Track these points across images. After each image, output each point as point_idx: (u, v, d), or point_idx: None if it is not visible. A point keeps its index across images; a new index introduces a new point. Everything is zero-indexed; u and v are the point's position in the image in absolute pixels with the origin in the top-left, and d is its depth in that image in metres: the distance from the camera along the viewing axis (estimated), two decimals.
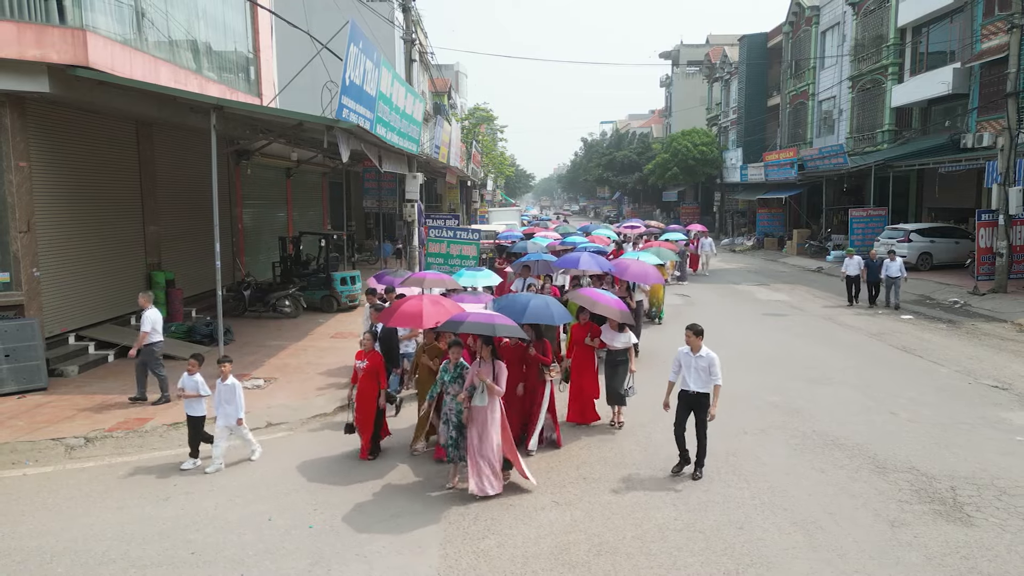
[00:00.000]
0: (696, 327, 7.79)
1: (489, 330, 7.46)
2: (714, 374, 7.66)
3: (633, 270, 12.93)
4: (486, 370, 7.47)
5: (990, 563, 5.94)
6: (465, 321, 7.63)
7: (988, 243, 20.18)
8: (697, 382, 7.70)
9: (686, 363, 7.76)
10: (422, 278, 11.54)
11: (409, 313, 8.54)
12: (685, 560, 6.10)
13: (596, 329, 9.56)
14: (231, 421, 8.14)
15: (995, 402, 10.50)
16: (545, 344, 8.76)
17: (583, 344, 9.59)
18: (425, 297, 9.13)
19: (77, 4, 10.96)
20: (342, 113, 11.77)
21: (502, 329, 7.49)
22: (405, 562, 6.17)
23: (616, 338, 9.36)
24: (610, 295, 9.85)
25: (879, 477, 7.73)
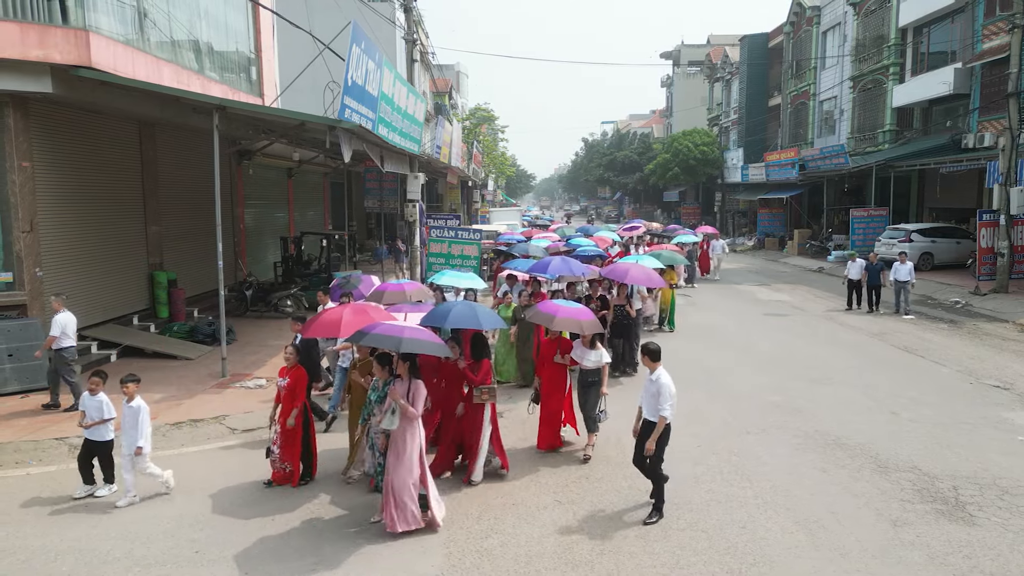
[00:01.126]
0: (650, 347, 6.99)
1: (394, 344, 6.45)
2: (660, 403, 6.70)
3: (634, 274, 11.91)
4: (400, 389, 6.68)
5: (992, 562, 5.95)
6: (370, 333, 6.63)
7: (989, 243, 20.19)
8: (648, 409, 6.90)
9: (644, 387, 7.01)
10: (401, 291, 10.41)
11: (327, 322, 7.71)
12: (688, 559, 6.12)
13: (566, 345, 8.63)
14: (131, 449, 7.25)
15: (996, 402, 10.51)
16: (483, 363, 7.84)
17: (553, 362, 8.64)
18: (349, 305, 8.30)
19: (80, 4, 10.98)
20: (344, 113, 11.79)
21: (409, 344, 6.43)
22: (408, 561, 6.18)
23: (587, 356, 8.42)
24: (575, 306, 8.73)
25: (881, 476, 7.74)
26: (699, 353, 13.77)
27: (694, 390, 11.39)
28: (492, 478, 7.88)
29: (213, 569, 6.04)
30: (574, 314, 8.37)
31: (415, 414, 6.63)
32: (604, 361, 8.43)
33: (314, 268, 19.26)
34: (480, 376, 7.76)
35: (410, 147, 18.00)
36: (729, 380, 11.92)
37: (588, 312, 8.68)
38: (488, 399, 7.73)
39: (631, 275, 11.84)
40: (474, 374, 7.78)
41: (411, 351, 6.53)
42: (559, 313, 8.34)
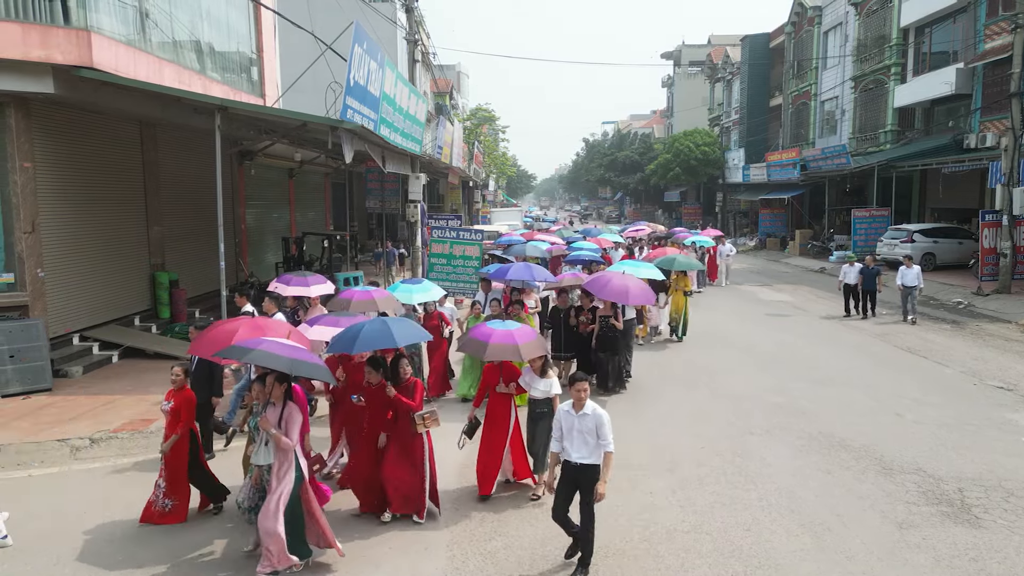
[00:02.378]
0: (579, 376, 6.11)
1: (284, 365, 5.74)
2: (603, 437, 5.86)
3: (614, 286, 10.57)
4: (272, 416, 5.86)
5: (999, 565, 5.93)
6: (253, 350, 5.82)
7: (992, 244, 20.14)
8: (581, 449, 5.89)
9: (567, 425, 5.96)
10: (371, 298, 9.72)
11: (216, 337, 6.68)
12: (693, 562, 6.09)
13: (511, 371, 7.50)
14: None
15: (1000, 403, 10.48)
16: (414, 384, 6.90)
17: (496, 391, 7.55)
18: (247, 319, 7.38)
19: (82, 5, 10.96)
20: (346, 114, 11.77)
21: (299, 366, 5.76)
22: (411, 563, 6.16)
23: (535, 384, 7.28)
24: (512, 327, 7.49)
25: (886, 478, 7.71)
26: (701, 353, 13.74)
27: (697, 390, 11.40)
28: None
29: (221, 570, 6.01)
30: (510, 338, 7.16)
31: (288, 444, 5.79)
32: (554, 392, 7.27)
33: (315, 268, 19.24)
34: (417, 398, 6.81)
35: (411, 147, 17.98)
36: (731, 380, 11.89)
37: (528, 333, 7.49)
38: (430, 425, 6.77)
39: (611, 288, 10.57)
40: (410, 398, 6.76)
41: (301, 374, 5.88)
42: (492, 339, 7.15)
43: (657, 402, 10.80)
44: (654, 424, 9.71)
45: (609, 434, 5.90)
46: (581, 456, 5.91)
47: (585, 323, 11.18)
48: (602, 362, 11.05)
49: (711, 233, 26.10)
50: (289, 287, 10.90)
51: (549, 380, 7.31)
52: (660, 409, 10.41)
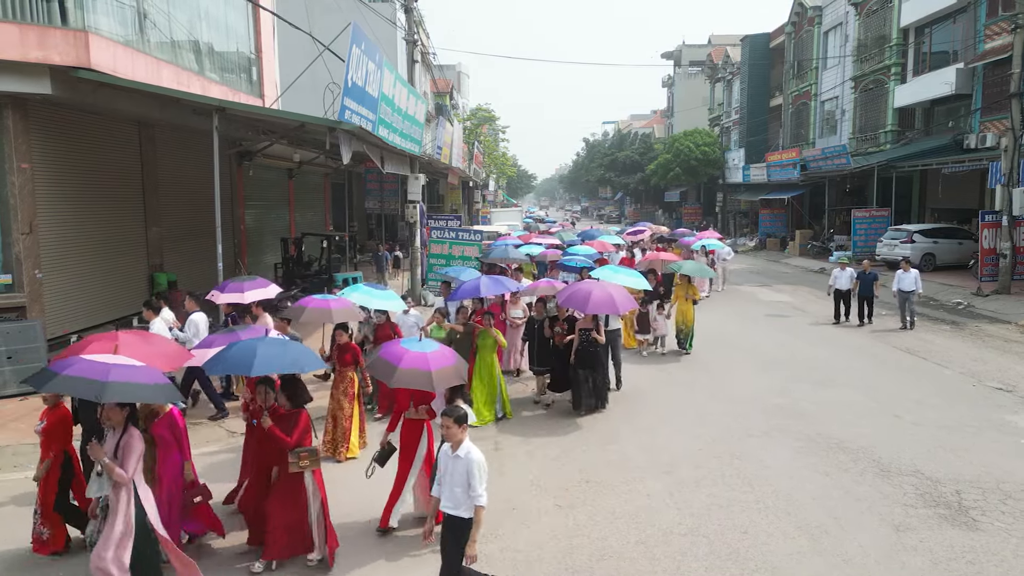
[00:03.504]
0: (455, 412, 5.28)
1: (93, 392, 4.89)
2: (472, 487, 5.09)
3: (596, 297, 9.64)
4: (109, 443, 5.29)
5: (996, 568, 5.91)
6: (59, 375, 5.01)
7: (992, 244, 20.12)
8: (451, 497, 5.20)
9: (442, 466, 5.33)
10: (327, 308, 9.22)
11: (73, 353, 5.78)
12: (689, 565, 6.08)
13: (421, 395, 6.73)
14: None
15: (999, 404, 10.46)
16: (296, 416, 6.06)
17: (406, 417, 6.83)
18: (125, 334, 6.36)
19: (79, 6, 10.95)
20: (344, 115, 11.76)
21: (116, 390, 4.95)
22: (405, 567, 6.15)
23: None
24: (429, 348, 6.61)
25: (884, 481, 7.70)
26: (700, 354, 13.71)
27: (695, 391, 11.38)
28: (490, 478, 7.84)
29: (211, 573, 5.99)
30: (423, 362, 6.32)
31: (123, 476, 5.14)
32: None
33: (314, 269, 19.24)
34: (296, 435, 5.94)
35: (410, 148, 17.96)
36: (730, 381, 11.88)
37: (447, 356, 6.59)
38: (308, 465, 5.99)
39: (594, 301, 9.63)
40: (286, 432, 5.92)
41: (116, 399, 5.07)
42: (402, 363, 6.29)
43: (655, 403, 10.78)
44: (652, 425, 9.70)
45: (479, 484, 5.07)
46: (450, 506, 5.21)
47: (561, 335, 10.41)
48: (579, 379, 10.12)
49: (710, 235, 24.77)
50: (223, 294, 10.41)
51: None
52: (658, 411, 10.39)
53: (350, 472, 8.00)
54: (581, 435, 9.37)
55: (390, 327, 10.24)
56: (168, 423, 6.08)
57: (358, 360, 8.92)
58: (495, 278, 11.26)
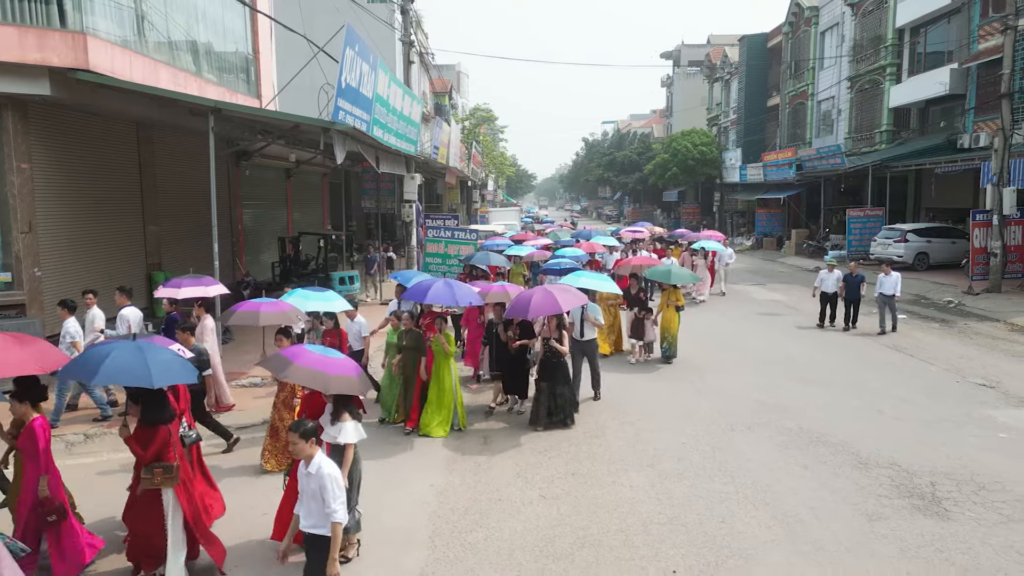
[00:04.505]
0: (301, 426, 4.99)
1: None
2: (326, 503, 4.85)
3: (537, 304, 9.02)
4: None
5: (963, 555, 6.09)
6: None
7: (982, 243, 20.30)
8: (308, 515, 4.99)
9: (301, 483, 5.04)
10: (256, 311, 8.99)
11: None
12: (666, 552, 6.26)
13: (315, 406, 6.46)
14: None
15: (981, 400, 10.64)
16: (154, 432, 5.72)
17: None
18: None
19: (78, 8, 11.15)
20: (338, 115, 11.94)
21: None
22: (394, 554, 6.33)
23: (326, 427, 6.03)
24: (330, 356, 6.21)
25: (861, 473, 7.88)
26: (691, 351, 13.88)
27: (683, 388, 11.56)
28: (478, 470, 8.04)
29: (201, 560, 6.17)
30: (324, 364, 5.97)
31: None
32: (345, 441, 5.96)
33: (311, 268, 19.43)
34: (151, 450, 5.67)
35: (406, 148, 18.15)
36: (719, 378, 12.06)
37: (347, 366, 6.16)
38: (163, 483, 5.67)
39: (535, 307, 9.00)
40: (142, 447, 5.68)
41: None
42: (298, 359, 6.02)
43: (642, 399, 10.96)
44: (638, 420, 9.88)
45: (333, 500, 4.83)
46: (309, 523, 4.99)
47: (512, 339, 9.91)
48: (540, 392, 9.52)
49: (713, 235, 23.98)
50: (181, 290, 10.24)
51: (341, 426, 5.98)
52: (645, 406, 10.57)
53: None
54: (568, 430, 9.54)
55: (336, 334, 9.71)
56: (28, 434, 5.74)
57: None
58: (451, 284, 10.08)
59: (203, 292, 10.33)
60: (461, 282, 11.09)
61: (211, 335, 10.11)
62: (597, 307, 10.97)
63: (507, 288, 10.99)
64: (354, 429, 6.02)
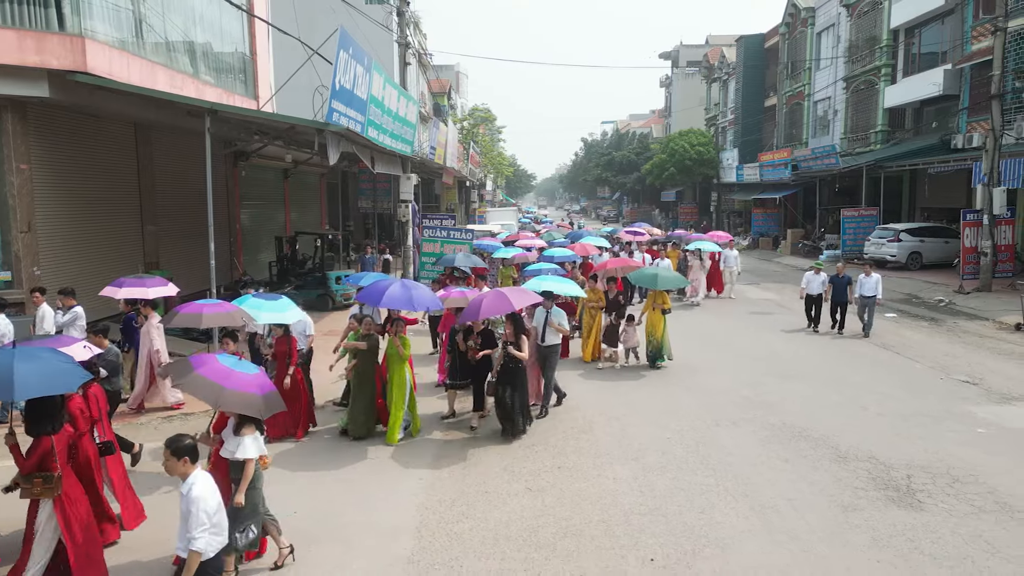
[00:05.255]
0: (175, 442, 4.67)
1: None
2: (188, 528, 4.51)
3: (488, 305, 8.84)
4: None
5: (933, 544, 6.29)
6: None
7: (973, 243, 20.49)
8: (180, 537, 4.64)
9: (183, 504, 4.66)
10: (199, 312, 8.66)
11: None
12: (646, 541, 6.46)
13: (220, 421, 6.21)
14: None
15: (963, 396, 10.83)
16: (40, 442, 5.55)
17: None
18: None
19: (76, 12, 11.34)
20: (332, 117, 12.14)
21: None
22: (382, 544, 6.53)
23: (228, 441, 5.82)
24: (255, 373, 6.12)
25: (839, 466, 8.08)
26: (681, 349, 13.99)
27: (670, 384, 11.76)
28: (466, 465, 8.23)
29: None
30: (224, 377, 5.75)
31: None
32: (241, 456, 5.70)
33: (308, 267, 19.63)
34: (31, 460, 5.50)
35: (402, 148, 18.34)
36: (707, 375, 12.26)
37: (251, 383, 5.87)
38: (43, 494, 5.49)
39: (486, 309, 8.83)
40: (23, 455, 5.54)
41: None
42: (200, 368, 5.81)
43: (629, 396, 11.16)
44: (624, 416, 10.07)
45: (196, 526, 4.48)
46: (179, 547, 4.65)
47: (474, 347, 9.42)
48: (503, 399, 9.08)
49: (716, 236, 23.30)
50: (121, 290, 10.01)
51: (240, 440, 5.73)
52: (632, 402, 10.77)
53: None
54: (555, 425, 9.74)
55: (287, 341, 9.27)
56: None
57: None
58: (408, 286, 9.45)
59: (143, 293, 10.06)
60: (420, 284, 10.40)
61: (158, 334, 10.21)
62: (561, 311, 10.46)
63: (467, 293, 10.61)
64: (254, 443, 5.77)
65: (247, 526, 5.70)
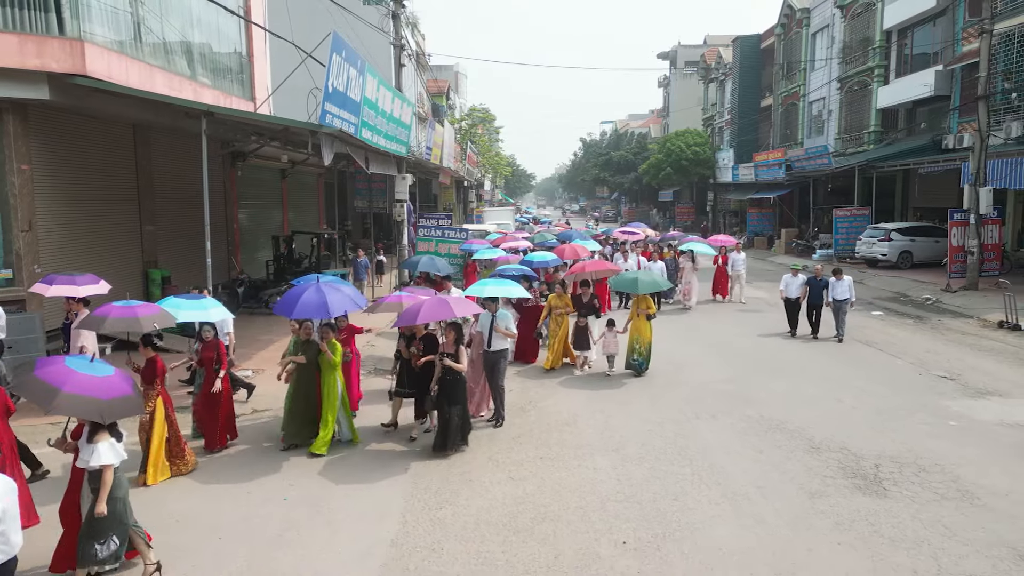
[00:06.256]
0: None
1: None
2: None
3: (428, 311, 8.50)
4: None
5: (892, 528, 6.58)
6: None
7: (960, 242, 20.77)
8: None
9: None
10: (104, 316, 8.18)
11: None
12: (620, 526, 6.75)
13: (79, 428, 5.88)
14: None
15: (940, 391, 11.11)
16: None
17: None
18: None
19: (75, 16, 11.63)
20: (325, 118, 12.41)
21: None
22: (368, 529, 6.82)
23: (84, 451, 5.61)
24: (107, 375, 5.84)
25: (811, 456, 8.37)
26: (668, 346, 14.30)
27: (655, 380, 12.04)
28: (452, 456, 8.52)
29: (191, 533, 6.66)
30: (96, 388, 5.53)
31: None
32: (100, 463, 5.48)
33: (304, 266, 19.91)
34: None
35: (396, 149, 18.63)
36: (692, 371, 12.54)
37: (120, 384, 5.78)
38: None
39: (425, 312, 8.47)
40: None
41: None
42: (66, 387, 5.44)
43: (614, 390, 11.44)
44: (608, 409, 10.36)
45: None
46: None
47: (416, 355, 8.97)
48: (443, 412, 8.61)
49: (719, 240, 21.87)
50: (51, 287, 9.84)
51: (94, 448, 5.50)
52: (616, 397, 11.06)
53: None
54: (541, 418, 10.04)
55: (214, 346, 8.89)
56: None
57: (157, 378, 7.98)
58: (323, 291, 8.86)
59: (73, 291, 9.91)
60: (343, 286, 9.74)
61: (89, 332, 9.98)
62: (508, 315, 10.05)
63: (402, 298, 10.13)
64: (110, 449, 5.52)
65: (108, 537, 5.55)
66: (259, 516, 7.06)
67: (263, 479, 7.99)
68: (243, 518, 7.03)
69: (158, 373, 7.99)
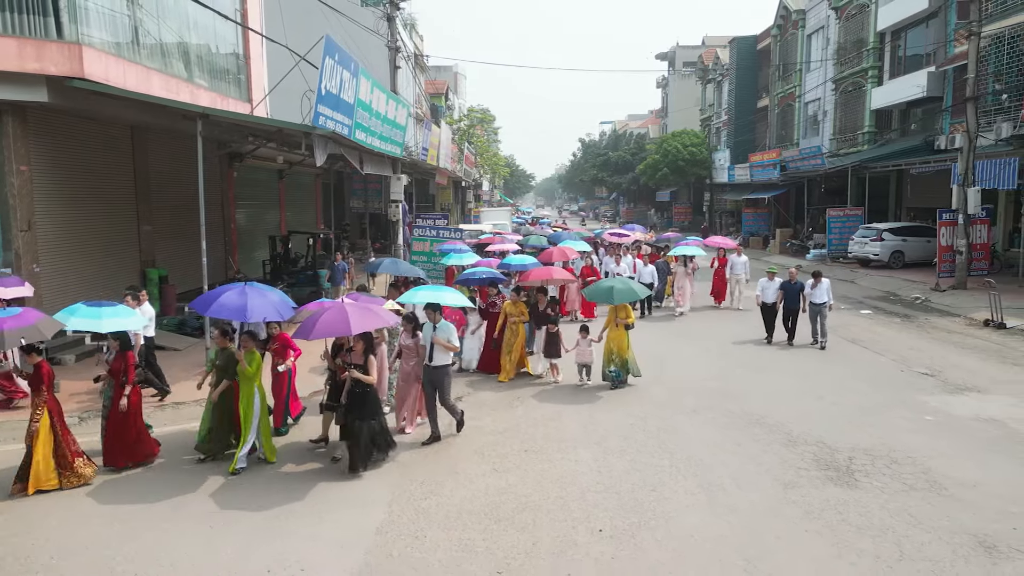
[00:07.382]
0: None
1: None
2: None
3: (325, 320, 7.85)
4: None
5: (860, 517, 6.81)
6: None
7: (949, 241, 21.00)
8: None
9: None
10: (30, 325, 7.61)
11: None
12: (598, 515, 6.98)
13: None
14: None
15: (919, 388, 11.34)
16: None
17: None
18: None
19: (74, 20, 11.89)
20: (319, 120, 12.65)
21: None
22: (354, 518, 7.05)
23: None
24: None
25: (788, 449, 8.60)
26: (655, 344, 14.52)
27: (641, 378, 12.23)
28: (439, 449, 8.75)
29: (186, 524, 6.90)
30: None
31: None
32: None
33: (300, 266, 20.15)
34: None
35: (391, 150, 18.86)
36: (677, 368, 12.77)
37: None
38: None
39: (321, 327, 7.82)
40: None
41: None
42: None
43: (599, 387, 11.63)
44: (593, 404, 10.60)
45: None
46: None
47: (342, 367, 8.41)
48: (353, 429, 8.03)
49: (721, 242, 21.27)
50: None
51: None
52: (601, 392, 11.28)
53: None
54: (527, 413, 10.27)
55: (123, 358, 8.27)
56: None
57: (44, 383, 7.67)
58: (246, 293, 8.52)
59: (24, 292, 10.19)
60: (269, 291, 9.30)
61: None
62: (450, 326, 9.37)
63: (323, 303, 9.62)
64: None
65: None
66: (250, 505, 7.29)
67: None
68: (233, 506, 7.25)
69: (44, 378, 7.64)
